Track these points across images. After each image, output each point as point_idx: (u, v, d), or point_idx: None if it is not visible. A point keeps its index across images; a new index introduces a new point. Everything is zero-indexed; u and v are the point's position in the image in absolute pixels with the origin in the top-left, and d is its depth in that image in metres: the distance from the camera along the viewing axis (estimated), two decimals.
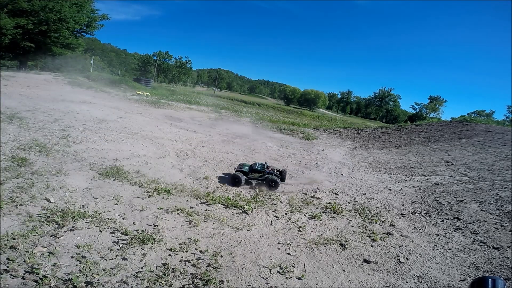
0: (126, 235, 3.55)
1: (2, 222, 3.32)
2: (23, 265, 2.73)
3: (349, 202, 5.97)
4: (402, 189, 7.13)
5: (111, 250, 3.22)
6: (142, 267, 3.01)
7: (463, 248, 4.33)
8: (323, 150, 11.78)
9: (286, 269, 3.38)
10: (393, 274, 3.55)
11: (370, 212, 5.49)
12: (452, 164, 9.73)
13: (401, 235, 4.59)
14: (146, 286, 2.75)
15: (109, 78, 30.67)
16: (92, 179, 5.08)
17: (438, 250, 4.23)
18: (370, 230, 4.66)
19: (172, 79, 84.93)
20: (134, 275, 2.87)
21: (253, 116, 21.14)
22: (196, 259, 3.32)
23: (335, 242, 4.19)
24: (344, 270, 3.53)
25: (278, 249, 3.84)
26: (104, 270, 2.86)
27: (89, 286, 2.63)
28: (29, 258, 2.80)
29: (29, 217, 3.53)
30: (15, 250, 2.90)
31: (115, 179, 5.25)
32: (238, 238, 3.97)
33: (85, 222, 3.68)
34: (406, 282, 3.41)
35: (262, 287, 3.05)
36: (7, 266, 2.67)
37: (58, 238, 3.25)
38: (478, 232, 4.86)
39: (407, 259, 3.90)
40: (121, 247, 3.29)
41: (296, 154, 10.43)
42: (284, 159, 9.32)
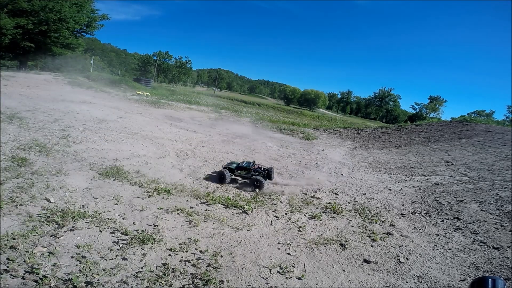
0: (126, 235, 3.55)
1: (2, 222, 3.32)
2: (23, 265, 2.73)
3: (349, 202, 5.97)
4: (402, 189, 7.13)
5: (111, 250, 3.22)
6: (142, 267, 3.00)
7: (463, 248, 4.33)
8: (323, 150, 11.79)
9: (286, 269, 3.37)
10: (393, 274, 3.55)
11: (370, 212, 5.49)
12: (452, 164, 9.74)
13: (401, 235, 4.60)
14: (146, 286, 2.75)
15: (109, 78, 30.72)
16: (92, 179, 5.08)
17: (438, 250, 4.23)
18: (370, 230, 4.66)
19: (172, 79, 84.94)
20: (134, 275, 2.87)
21: (253, 116, 21.16)
22: (196, 259, 3.32)
23: (335, 242, 4.19)
24: (344, 270, 3.53)
25: (278, 249, 3.84)
26: (104, 270, 2.86)
27: (89, 286, 2.63)
28: (29, 258, 2.79)
29: (29, 217, 3.53)
30: (15, 250, 2.89)
31: (115, 179, 5.25)
32: (238, 238, 3.97)
33: (85, 222, 3.68)
34: (406, 282, 3.40)
35: (262, 287, 3.05)
36: (7, 266, 2.67)
37: (58, 238, 3.25)
38: (478, 232, 4.86)
39: (407, 259, 3.89)
40: (121, 247, 3.29)
41: (296, 154, 10.44)
42: (284, 159, 9.32)
